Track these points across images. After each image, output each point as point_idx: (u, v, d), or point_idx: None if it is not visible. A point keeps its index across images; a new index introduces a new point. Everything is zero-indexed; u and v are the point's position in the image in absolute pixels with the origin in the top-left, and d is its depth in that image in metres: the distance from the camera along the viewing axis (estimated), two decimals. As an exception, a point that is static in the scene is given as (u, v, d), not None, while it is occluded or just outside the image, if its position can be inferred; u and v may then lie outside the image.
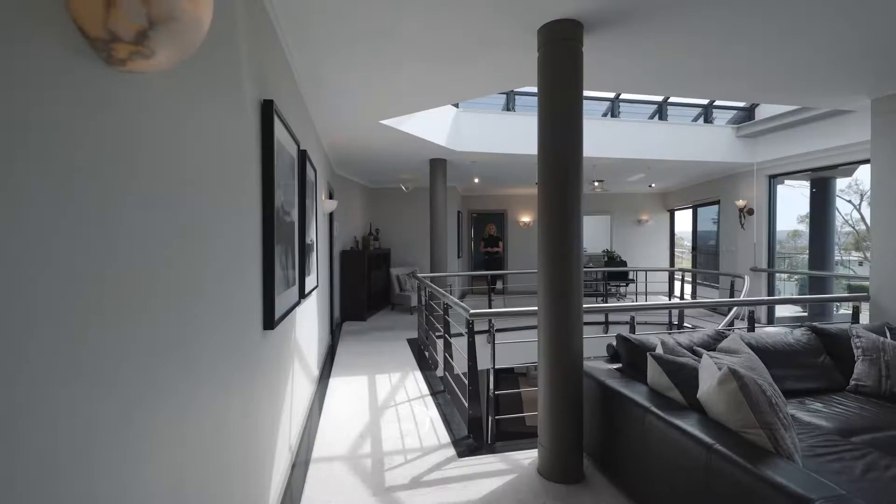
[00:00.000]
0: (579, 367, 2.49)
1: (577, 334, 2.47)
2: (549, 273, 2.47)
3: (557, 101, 2.49)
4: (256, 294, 1.90)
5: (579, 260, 2.48)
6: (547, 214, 2.50)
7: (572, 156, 2.48)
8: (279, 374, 2.37)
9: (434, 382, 4.13)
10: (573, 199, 2.46)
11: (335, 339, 5.89)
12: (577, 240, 2.47)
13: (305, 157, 3.08)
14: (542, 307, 2.50)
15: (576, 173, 2.48)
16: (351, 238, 7.73)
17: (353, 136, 5.02)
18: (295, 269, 2.75)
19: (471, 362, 3.00)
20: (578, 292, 2.46)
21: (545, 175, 2.52)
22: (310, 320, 3.75)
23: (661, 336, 2.79)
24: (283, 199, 2.40)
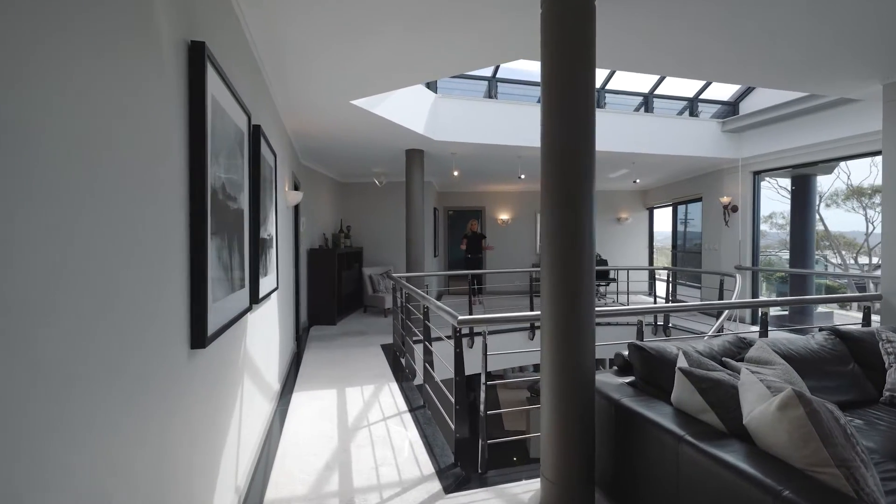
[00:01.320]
0: (590, 385, 2.09)
1: (588, 346, 2.06)
2: (556, 275, 2.05)
3: (565, 70, 2.07)
4: (180, 303, 1.40)
5: (591, 260, 2.08)
6: (553, 208, 2.08)
7: (584, 137, 2.07)
8: (219, 400, 1.86)
9: (413, 395, 3.67)
10: (585, 190, 2.06)
11: (301, 347, 5.33)
12: (589, 237, 2.06)
13: (260, 134, 2.57)
14: (547, 314, 2.08)
15: (588, 159, 2.07)
16: (319, 235, 7.16)
17: (321, 121, 4.50)
18: (244, 269, 2.24)
19: (458, 377, 2.55)
20: (590, 298, 2.06)
21: (550, 161, 2.10)
22: (268, 327, 3.22)
23: (678, 344, 2.42)
24: (225, 180, 1.89)
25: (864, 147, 5.50)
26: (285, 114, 4.13)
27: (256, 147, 2.54)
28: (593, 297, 2.07)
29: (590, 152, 2.07)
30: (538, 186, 10.12)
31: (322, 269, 6.57)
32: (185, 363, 1.43)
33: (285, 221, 4.39)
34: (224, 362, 1.93)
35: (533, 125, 5.93)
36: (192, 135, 1.50)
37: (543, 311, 2.10)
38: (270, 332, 3.34)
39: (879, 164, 12.31)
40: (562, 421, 2.08)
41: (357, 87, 3.59)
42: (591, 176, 2.06)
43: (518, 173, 7.01)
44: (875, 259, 11.61)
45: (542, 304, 2.11)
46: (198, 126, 1.50)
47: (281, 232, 3.97)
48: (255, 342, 2.67)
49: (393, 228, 8.45)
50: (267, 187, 3.00)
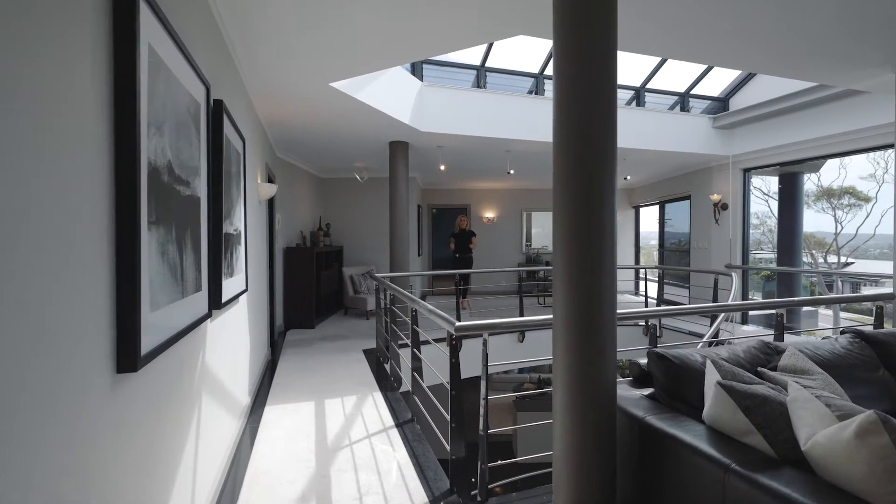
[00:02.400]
0: (612, 401, 1.80)
1: (609, 356, 1.78)
2: (572, 275, 1.76)
3: (584, 47, 1.76)
4: (99, 315, 1.04)
5: (613, 258, 1.79)
6: (568, 200, 1.78)
7: (605, 118, 1.77)
8: (163, 431, 1.50)
9: (399, 407, 3.34)
10: (607, 179, 1.77)
11: (276, 353, 4.93)
12: (611, 233, 1.78)
13: (223, 111, 2.20)
14: (562, 318, 1.79)
15: (610, 143, 1.78)
16: (297, 233, 6.74)
17: (298, 106, 4.11)
18: (201, 269, 1.87)
19: (454, 391, 2.24)
20: (612, 301, 1.77)
21: (565, 147, 1.80)
22: (235, 335, 2.84)
23: (700, 351, 2.17)
24: (174, 159, 1.53)
25: (859, 143, 5.43)
26: (257, 97, 3.74)
27: (218, 126, 2.17)
28: (615, 300, 1.78)
29: (611, 139, 1.78)
30: (525, 184, 9.92)
31: (299, 269, 6.16)
32: (107, 394, 1.08)
33: (257, 217, 4.00)
34: (171, 383, 1.57)
35: (523, 117, 5.71)
36: (120, 92, 1.14)
37: (557, 315, 1.81)
38: (238, 340, 2.96)
39: (848, 167, 12.20)
40: (579, 442, 1.79)
41: (338, 66, 3.24)
42: (612, 158, 1.77)
43: (507, 168, 6.73)
44: (843, 258, 11.83)
45: (556, 306, 1.82)
46: (126, 81, 1.15)
47: (252, 228, 3.59)
48: (217, 353, 2.29)
49: (375, 226, 8.07)
50: (233, 175, 2.63)
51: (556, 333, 1.83)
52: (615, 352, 1.81)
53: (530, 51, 6.04)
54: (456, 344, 2.23)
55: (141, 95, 1.19)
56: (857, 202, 11.94)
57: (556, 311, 1.82)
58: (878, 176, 11.21)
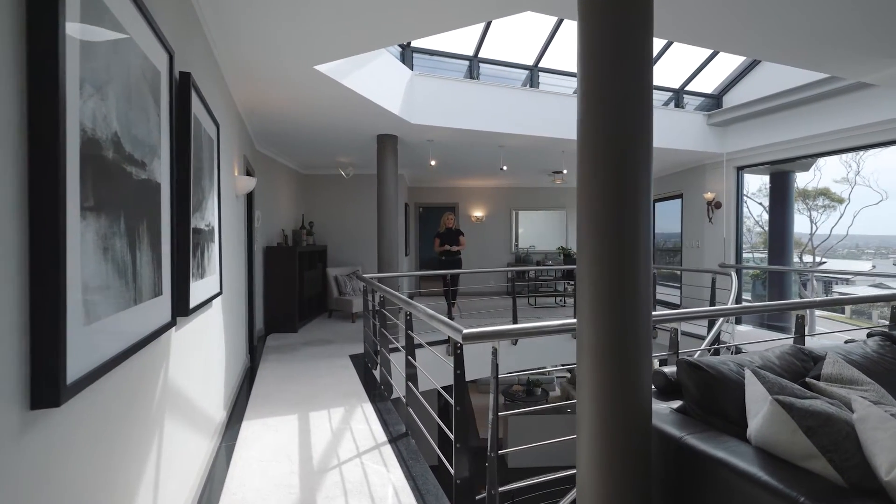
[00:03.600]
0: (646, 418, 1.56)
1: (644, 368, 1.54)
2: (602, 276, 1.52)
3: (618, 29, 1.51)
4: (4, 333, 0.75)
5: (649, 256, 1.55)
6: (597, 190, 1.53)
7: (639, 98, 1.52)
8: (112, 468, 1.20)
9: (391, 420, 3.06)
10: (642, 167, 1.53)
11: (256, 360, 4.59)
12: (646, 226, 1.54)
13: (190, 85, 1.90)
14: (589, 326, 1.54)
15: (646, 126, 1.54)
16: (278, 232, 6.38)
17: (279, 92, 3.80)
18: (162, 269, 1.57)
19: (458, 406, 1.98)
20: (647, 306, 1.53)
21: (593, 130, 1.55)
22: (207, 343, 2.53)
23: (732, 358, 1.96)
24: (120, 129, 1.23)
25: (857, 140, 5.37)
26: (233, 80, 3.41)
27: (185, 102, 1.87)
28: (650, 303, 1.55)
29: (647, 118, 1.54)
30: (514, 182, 9.71)
31: (281, 269, 5.81)
32: (14, 439, 0.79)
33: (234, 213, 3.67)
34: (119, 411, 1.27)
35: (517, 111, 5.47)
36: (35, 36, 0.84)
37: (583, 320, 1.57)
38: (211, 349, 2.65)
39: (823, 169, 12.31)
40: (608, 465, 1.55)
41: (323, 45, 2.94)
42: (648, 144, 1.54)
43: (498, 165, 6.50)
44: (818, 258, 12.03)
45: (581, 311, 1.57)
46: (43, 18, 0.85)
47: (228, 225, 3.26)
48: (184, 366, 1.99)
49: (361, 225, 7.75)
50: (205, 163, 2.32)
51: (581, 342, 1.59)
52: (651, 364, 1.58)
53: (525, 42, 5.83)
54: (461, 353, 1.97)
55: (66, 42, 0.90)
56: (830, 203, 12.19)
57: (582, 316, 1.57)
58: (850, 178, 11.49)
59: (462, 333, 1.77)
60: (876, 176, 11.57)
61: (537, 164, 7.33)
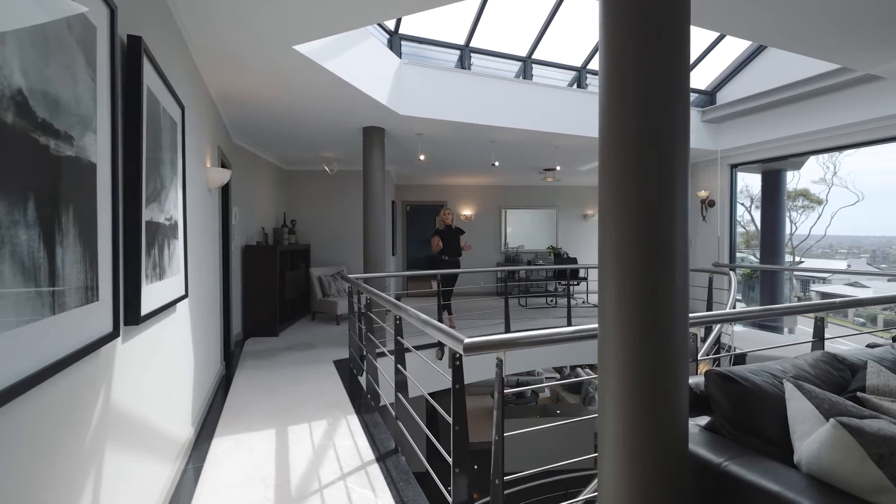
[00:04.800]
0: (683, 441, 1.33)
1: (682, 383, 1.31)
2: (632, 278, 1.28)
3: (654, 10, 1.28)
4: None
5: (685, 256, 1.33)
6: (627, 182, 1.30)
7: (676, 83, 1.29)
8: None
9: (379, 434, 2.80)
10: (679, 157, 1.30)
11: (232, 367, 4.26)
12: (683, 221, 1.31)
13: (142, 52, 1.60)
14: (615, 333, 1.31)
15: (682, 114, 1.31)
16: (257, 230, 6.04)
17: (256, 76, 3.49)
18: (98, 269, 1.28)
19: (458, 426, 1.72)
20: (684, 311, 1.30)
21: (618, 114, 1.31)
22: (168, 353, 2.23)
23: (763, 367, 1.75)
24: (26, 87, 0.95)
25: (853, 138, 5.28)
26: (203, 59, 3.10)
27: (135, 70, 1.57)
28: (687, 309, 1.32)
29: (683, 99, 1.30)
30: (505, 180, 9.46)
31: (260, 269, 5.48)
32: None
33: (206, 208, 3.35)
34: (28, 450, 0.98)
35: (511, 104, 5.22)
36: None
37: (607, 327, 1.33)
38: (175, 360, 2.34)
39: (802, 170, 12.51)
40: (640, 494, 1.31)
41: (302, 21, 2.66)
42: (685, 132, 1.30)
43: (489, 161, 6.27)
44: (797, 258, 12.19)
45: (605, 316, 1.34)
46: None
47: (198, 221, 2.96)
48: (135, 383, 1.69)
49: (346, 223, 7.45)
50: (165, 149, 2.02)
51: (605, 351, 1.35)
52: (687, 377, 1.35)
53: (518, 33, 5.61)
54: (460, 365, 1.72)
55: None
56: (809, 204, 12.37)
57: (607, 322, 1.34)
58: (827, 179, 11.70)
59: (463, 344, 1.52)
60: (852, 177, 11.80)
61: (529, 160, 7.12)
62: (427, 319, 1.91)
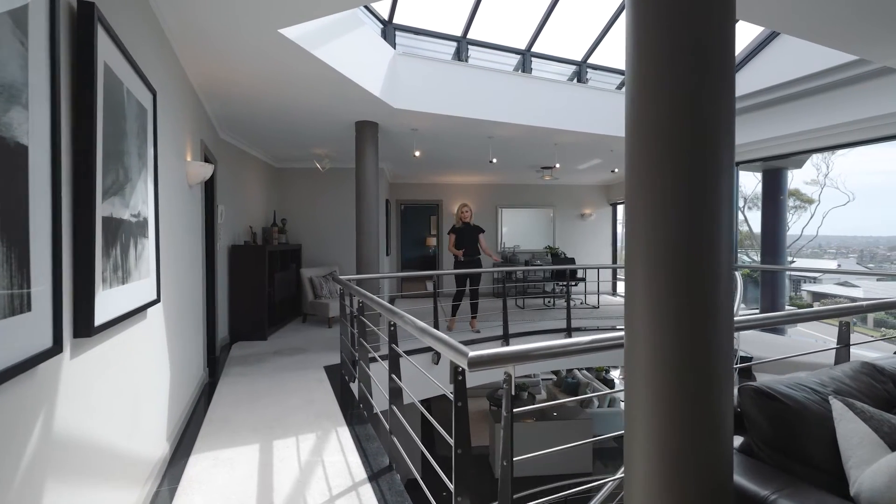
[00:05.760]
0: (726, 472, 1.14)
1: (726, 400, 1.12)
2: (669, 282, 1.09)
3: None
4: None
5: (730, 258, 1.13)
6: (663, 175, 1.10)
7: (721, 57, 1.09)
8: None
9: (372, 449, 2.59)
10: (724, 142, 1.10)
11: (217, 374, 4.03)
12: (728, 220, 1.12)
13: (95, 20, 1.39)
14: (647, 342, 1.12)
15: (727, 104, 1.10)
16: (245, 229, 5.81)
17: (241, 64, 3.27)
18: (29, 271, 1.07)
19: (460, 448, 1.52)
20: (729, 320, 1.11)
21: (652, 109, 1.11)
22: (135, 367, 2.01)
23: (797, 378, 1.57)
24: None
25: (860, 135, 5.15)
26: (181, 44, 2.87)
27: (86, 40, 1.36)
28: (732, 317, 1.13)
29: (729, 85, 1.11)
30: (501, 178, 9.26)
31: (248, 270, 5.25)
32: None
33: (186, 205, 3.13)
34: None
35: (510, 98, 5.02)
36: None
37: (635, 336, 1.14)
38: (144, 371, 2.12)
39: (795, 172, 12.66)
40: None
41: (288, 1, 2.45)
42: (730, 115, 1.11)
43: (486, 158, 6.08)
44: (790, 258, 12.21)
45: (633, 324, 1.15)
46: None
47: (174, 218, 2.74)
48: (90, 402, 1.47)
49: (338, 222, 7.23)
50: (129, 136, 1.80)
51: (633, 363, 1.16)
52: (732, 393, 1.16)
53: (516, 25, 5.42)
54: (463, 380, 1.52)
55: None
56: (801, 204, 12.40)
57: (635, 330, 1.15)
58: (819, 180, 11.76)
59: (468, 358, 1.31)
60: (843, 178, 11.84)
61: (527, 158, 6.94)
62: (425, 328, 1.71)
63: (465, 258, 5.36)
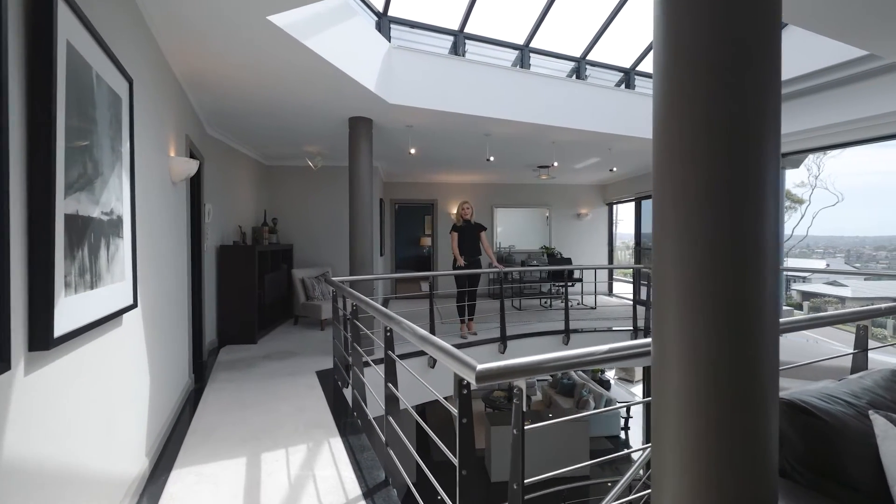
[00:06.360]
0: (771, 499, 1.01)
1: (772, 418, 0.99)
2: (707, 284, 0.96)
3: None
4: None
5: (777, 258, 1.01)
6: (698, 169, 0.97)
7: (766, 37, 0.96)
8: None
9: (366, 461, 2.44)
10: (769, 127, 0.96)
11: (203, 380, 3.86)
12: (775, 217, 0.99)
13: (54, -6, 1.23)
14: (681, 352, 0.99)
15: (773, 89, 0.97)
16: (234, 229, 5.62)
17: (228, 55, 3.10)
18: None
19: (464, 470, 1.38)
20: (774, 327, 0.98)
21: (689, 96, 0.98)
22: (108, 379, 1.84)
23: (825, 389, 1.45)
24: None
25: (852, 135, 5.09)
26: (162, 30, 2.70)
27: (43, 11, 1.20)
28: (777, 323, 1.00)
29: (775, 59, 0.98)
30: (497, 178, 9.12)
31: (237, 271, 5.07)
32: None
33: (168, 203, 2.96)
34: None
35: (508, 94, 4.86)
36: None
37: (665, 343, 1.01)
38: (118, 382, 1.96)
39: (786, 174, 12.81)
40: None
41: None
42: (776, 97, 0.98)
43: (483, 156, 5.95)
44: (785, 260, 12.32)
45: (662, 331, 1.02)
46: None
47: (155, 217, 2.57)
48: (48, 423, 1.32)
49: (331, 222, 7.07)
50: (102, 124, 1.64)
51: (661, 373, 1.03)
52: (777, 411, 1.03)
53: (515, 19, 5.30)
54: (468, 394, 1.38)
55: None
56: (792, 204, 12.49)
57: (666, 339, 1.02)
58: (809, 180, 11.86)
59: (476, 372, 1.17)
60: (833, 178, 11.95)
61: (524, 157, 6.82)
62: (426, 336, 1.57)
63: (468, 260, 5.13)
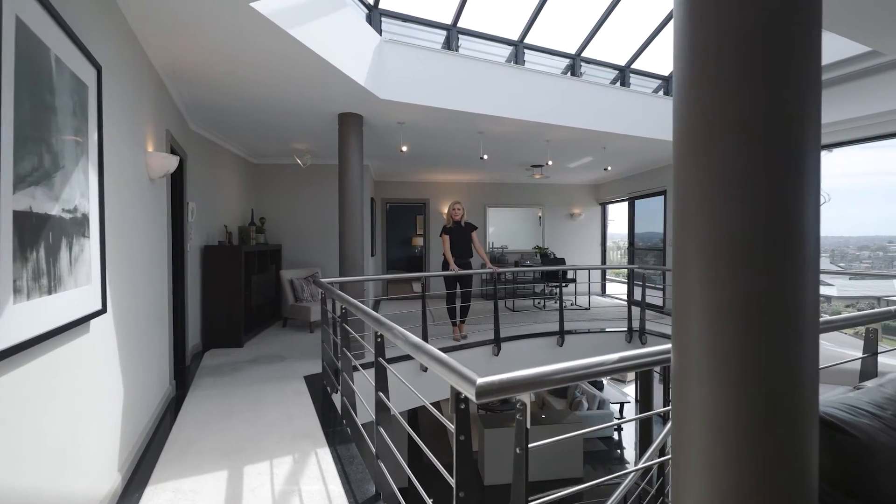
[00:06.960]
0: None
1: (812, 434, 0.88)
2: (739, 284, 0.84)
3: None
4: None
5: (817, 255, 0.90)
6: (726, 156, 0.85)
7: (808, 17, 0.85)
8: None
9: (355, 473, 2.31)
10: (810, 111, 0.85)
11: (186, 386, 3.69)
12: (815, 210, 0.87)
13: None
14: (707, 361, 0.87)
15: (814, 72, 0.86)
16: (219, 229, 5.44)
17: (209, 45, 2.94)
18: None
19: (462, 492, 1.26)
20: (814, 332, 0.87)
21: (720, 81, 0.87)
22: (72, 392, 1.69)
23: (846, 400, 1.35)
24: None
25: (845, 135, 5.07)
26: (136, 15, 2.54)
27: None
28: (817, 328, 0.89)
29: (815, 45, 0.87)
30: (489, 177, 8.98)
31: (222, 272, 4.89)
32: None
33: (145, 201, 2.80)
34: None
35: (502, 90, 4.72)
36: None
37: (686, 348, 0.89)
38: (85, 395, 1.80)
39: None
40: None
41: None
42: (816, 83, 0.87)
43: (476, 154, 5.83)
44: None
45: (680, 335, 0.90)
46: None
47: (130, 216, 2.41)
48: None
49: (320, 222, 6.90)
50: (61, 111, 1.49)
51: (681, 382, 0.91)
52: (817, 426, 0.92)
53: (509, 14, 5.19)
54: (465, 409, 1.26)
55: None
56: None
57: (687, 343, 0.90)
58: None
59: (476, 387, 1.05)
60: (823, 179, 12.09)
61: (518, 155, 6.72)
62: (420, 344, 1.44)
63: (459, 262, 4.97)
